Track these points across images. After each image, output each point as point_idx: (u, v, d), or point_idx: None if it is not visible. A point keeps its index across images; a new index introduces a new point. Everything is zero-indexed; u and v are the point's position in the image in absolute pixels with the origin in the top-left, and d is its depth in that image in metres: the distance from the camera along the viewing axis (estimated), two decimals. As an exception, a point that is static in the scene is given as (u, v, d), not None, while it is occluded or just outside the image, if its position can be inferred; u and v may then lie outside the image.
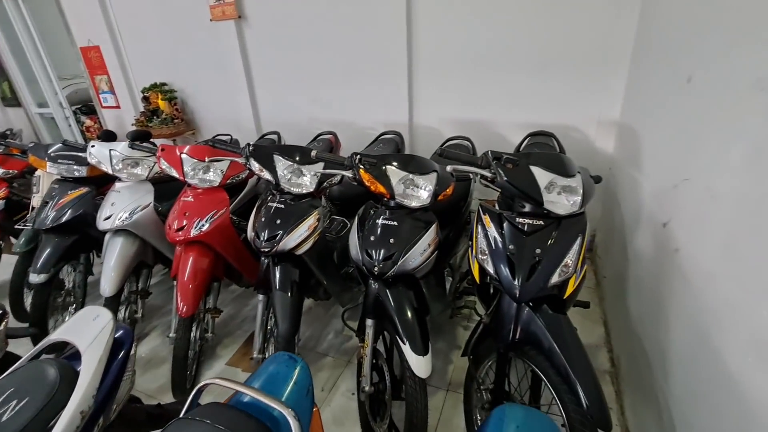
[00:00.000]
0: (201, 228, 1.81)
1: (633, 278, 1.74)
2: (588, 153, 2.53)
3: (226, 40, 3.33)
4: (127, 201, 2.02)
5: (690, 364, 1.11)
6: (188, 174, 1.87)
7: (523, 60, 2.55)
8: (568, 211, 1.26)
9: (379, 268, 1.41)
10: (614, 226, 2.16)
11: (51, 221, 2.07)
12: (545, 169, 1.27)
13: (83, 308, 1.00)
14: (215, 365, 2.09)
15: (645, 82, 1.94)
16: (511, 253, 1.25)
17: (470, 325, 2.23)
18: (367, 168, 1.47)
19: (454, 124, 2.87)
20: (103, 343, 0.89)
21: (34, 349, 0.94)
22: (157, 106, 3.75)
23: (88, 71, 4.21)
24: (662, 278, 1.38)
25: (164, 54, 3.76)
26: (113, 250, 1.98)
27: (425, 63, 2.84)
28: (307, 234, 1.63)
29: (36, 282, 1.98)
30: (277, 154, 1.67)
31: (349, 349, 2.13)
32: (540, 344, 1.23)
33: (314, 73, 3.23)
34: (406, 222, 1.47)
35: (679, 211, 1.29)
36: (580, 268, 1.25)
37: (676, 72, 1.46)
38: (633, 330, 1.64)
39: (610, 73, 2.34)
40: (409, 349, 1.34)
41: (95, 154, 2.03)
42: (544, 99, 2.58)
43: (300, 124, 3.41)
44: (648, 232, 1.58)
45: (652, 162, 1.67)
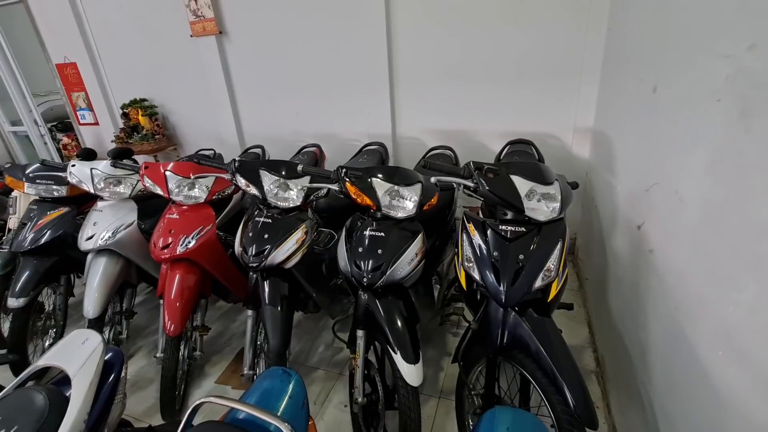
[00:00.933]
0: (187, 245, 1.80)
1: (613, 279, 1.80)
2: (566, 159, 2.63)
3: (208, 56, 3.34)
4: (109, 220, 1.99)
5: (668, 359, 1.16)
6: (173, 191, 1.86)
7: (501, 71, 2.64)
8: (548, 217, 1.31)
9: (368, 279, 1.44)
10: (593, 228, 2.24)
11: (29, 243, 2.02)
12: (524, 177, 1.33)
13: (72, 332, 0.99)
14: (204, 384, 2.05)
15: (615, 91, 2.04)
16: (496, 259, 1.29)
17: (459, 331, 2.26)
18: (353, 181, 1.50)
19: (436, 135, 2.94)
20: (93, 367, 0.88)
21: (21, 376, 0.92)
22: (137, 122, 3.71)
23: (64, 88, 4.14)
24: (639, 278, 1.44)
25: (144, 70, 3.73)
26: (96, 271, 1.94)
27: (406, 75, 2.91)
28: (295, 248, 1.64)
29: (15, 306, 1.93)
30: (263, 169, 1.68)
31: (340, 361, 2.13)
32: (527, 347, 1.27)
33: (297, 87, 3.26)
34: (393, 233, 1.50)
35: (652, 213, 1.36)
36: (561, 271, 1.30)
37: (642, 82, 1.55)
38: (615, 329, 1.70)
39: (583, 82, 2.45)
40: (401, 359, 1.36)
41: (76, 173, 2.00)
42: (521, 108, 2.67)
43: (284, 138, 3.43)
44: (625, 234, 1.65)
45: (625, 167, 1.75)
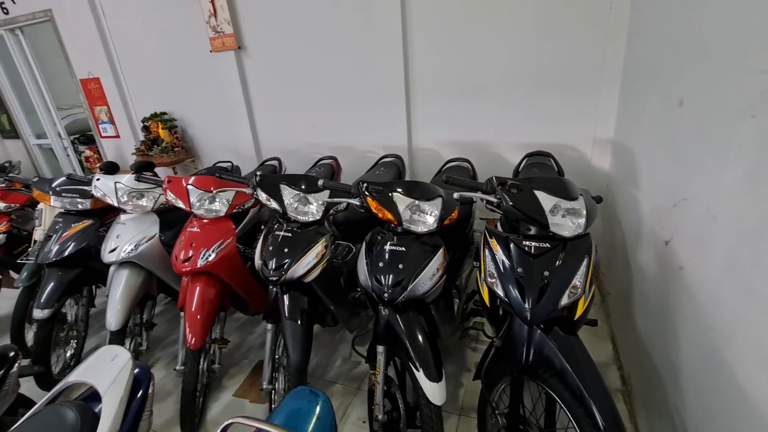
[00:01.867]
0: (207, 258, 1.82)
1: (638, 294, 1.76)
2: (585, 171, 2.59)
3: (226, 70, 3.41)
4: (132, 233, 2.02)
5: (703, 383, 1.12)
6: (194, 205, 1.88)
7: (518, 82, 2.63)
8: (573, 233, 1.29)
9: (388, 294, 1.43)
10: (616, 242, 2.19)
11: (54, 255, 2.06)
12: (549, 192, 1.31)
13: (101, 348, 1.00)
14: (222, 397, 2.05)
15: (637, 102, 2.01)
16: (520, 276, 1.27)
17: (478, 346, 2.23)
18: (374, 195, 1.50)
19: (453, 147, 2.94)
20: (123, 384, 0.89)
21: (52, 392, 0.93)
22: (157, 135, 3.79)
23: (87, 102, 4.27)
24: (668, 295, 1.40)
25: (164, 84, 3.83)
26: (118, 283, 1.97)
27: (422, 87, 2.92)
28: (315, 262, 1.64)
29: (40, 317, 1.96)
30: (283, 183, 1.70)
31: (358, 375, 2.11)
32: (553, 366, 1.24)
33: (313, 100, 3.31)
34: (413, 247, 1.50)
35: (681, 229, 1.33)
36: (588, 289, 1.27)
37: (667, 95, 1.52)
38: (642, 346, 1.65)
39: (603, 93, 2.42)
40: (423, 376, 1.34)
41: (100, 187, 2.04)
42: (539, 119, 2.65)
43: (300, 150, 3.47)
44: (650, 249, 1.61)
45: (650, 180, 1.71)
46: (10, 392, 1.10)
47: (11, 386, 1.11)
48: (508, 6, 2.48)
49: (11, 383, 1.11)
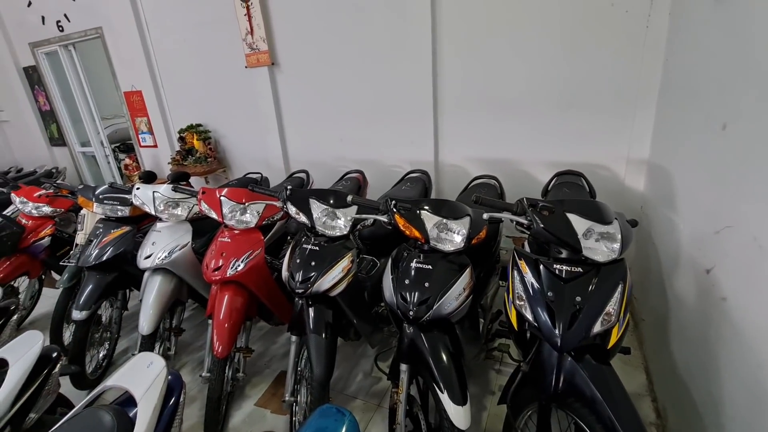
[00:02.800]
0: (237, 268, 1.86)
1: (675, 323, 1.68)
2: (618, 191, 2.52)
3: (260, 85, 3.54)
4: (166, 240, 2.10)
5: (749, 424, 1.05)
6: (226, 216, 1.94)
7: (549, 98, 2.60)
8: (607, 258, 1.25)
9: (414, 313, 1.42)
10: (650, 266, 2.11)
11: (94, 259, 2.16)
12: (582, 215, 1.28)
13: (138, 355, 1.04)
14: (244, 405, 2.08)
15: (674, 123, 1.95)
16: (550, 300, 1.24)
17: (503, 368, 2.17)
18: (402, 213, 1.51)
19: (480, 163, 2.92)
20: (158, 391, 0.92)
21: (90, 395, 0.97)
22: (192, 146, 3.96)
23: (129, 113, 4.51)
24: (709, 327, 1.33)
25: (201, 97, 4.00)
26: (152, 289, 2.05)
27: (451, 102, 2.93)
28: (341, 276, 1.66)
29: (78, 318, 2.05)
30: (313, 198, 1.73)
31: (379, 391, 2.09)
32: (584, 396, 1.20)
33: (341, 114, 3.37)
34: (440, 265, 1.49)
35: (724, 258, 1.27)
36: (623, 317, 1.22)
37: (709, 117, 1.47)
38: (680, 379, 1.57)
39: (638, 112, 2.36)
40: (448, 399, 1.31)
41: (140, 195, 2.14)
42: (570, 137, 2.61)
43: (328, 163, 3.53)
44: (689, 276, 1.54)
45: (689, 204, 1.65)
46: (52, 392, 1.15)
47: (53, 386, 1.17)
48: (540, 23, 2.48)
49: (53, 383, 1.17)
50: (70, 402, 1.40)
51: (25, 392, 1.06)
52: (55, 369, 1.17)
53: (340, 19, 3.07)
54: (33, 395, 1.09)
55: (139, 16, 3.91)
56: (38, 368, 1.13)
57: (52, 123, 5.22)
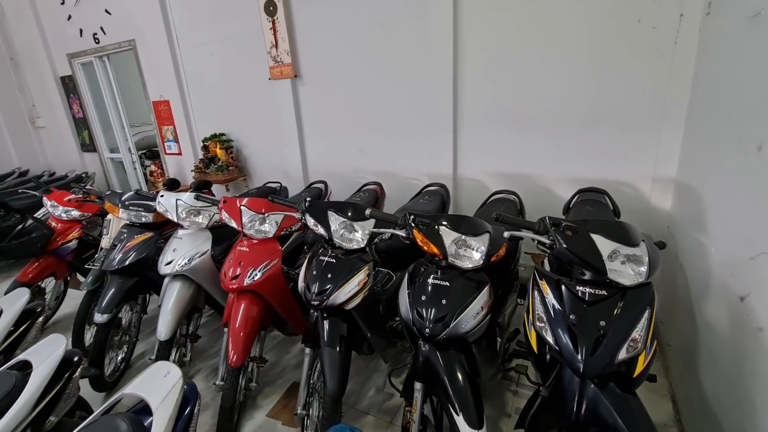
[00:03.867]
0: (254, 277, 1.88)
1: (705, 352, 1.60)
2: (643, 210, 2.44)
3: (282, 97, 3.61)
4: (187, 248, 2.14)
5: (790, 467, 0.98)
6: (246, 225, 1.97)
7: (573, 113, 2.56)
8: (633, 281, 1.20)
9: (430, 330, 1.39)
10: (677, 289, 2.02)
11: (117, 263, 2.22)
12: (607, 236, 1.24)
13: (155, 364, 1.05)
14: (256, 415, 2.07)
15: (705, 141, 1.89)
16: (573, 323, 1.19)
17: (520, 390, 2.11)
18: (421, 228, 1.49)
19: (499, 178, 2.89)
20: (174, 401, 0.92)
21: (107, 403, 0.98)
22: (215, 154, 4.05)
23: (156, 122, 4.66)
24: (744, 358, 1.26)
25: (225, 107, 4.11)
26: (171, 295, 2.08)
27: (471, 115, 2.92)
28: (357, 289, 1.65)
29: (99, 321, 2.10)
30: (331, 210, 1.74)
31: (391, 408, 2.05)
32: (607, 426, 1.14)
33: (361, 125, 3.40)
34: (458, 283, 1.46)
35: (760, 286, 1.20)
36: (650, 344, 1.17)
37: (743, 137, 1.42)
38: (709, 411, 1.49)
39: (665, 130, 2.30)
40: (463, 422, 1.28)
41: (163, 203, 2.19)
42: (594, 154, 2.55)
43: (346, 174, 3.55)
44: (722, 303, 1.47)
45: (721, 228, 1.58)
46: (73, 395, 1.17)
47: (74, 389, 1.19)
48: (565, 37, 2.45)
49: (74, 386, 1.19)
50: (89, 405, 1.42)
51: (47, 395, 1.08)
52: (77, 372, 1.19)
53: (361, 33, 3.12)
54: (54, 398, 1.11)
55: (170, 30, 4.06)
56: (60, 371, 1.16)
57: (84, 130, 5.44)
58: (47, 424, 1.10)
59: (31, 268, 2.73)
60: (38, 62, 5.28)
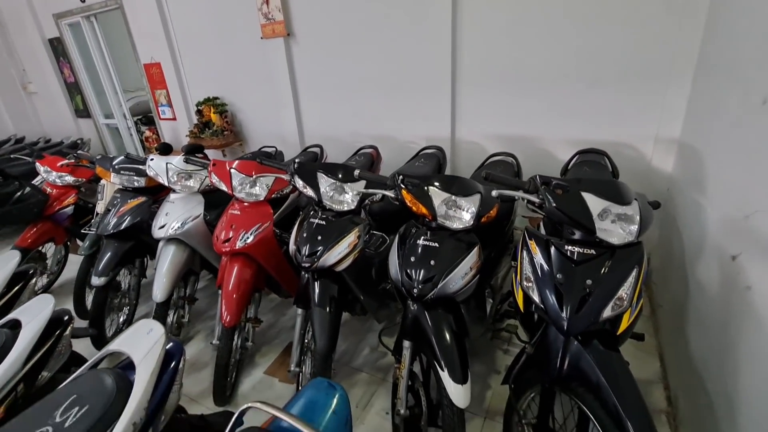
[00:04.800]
0: (246, 240, 1.88)
1: (694, 311, 1.60)
2: (643, 172, 2.39)
3: (275, 57, 3.48)
4: (180, 211, 2.13)
5: (764, 425, 0.99)
6: (236, 188, 1.95)
7: (574, 73, 2.45)
8: (623, 240, 1.18)
9: (418, 290, 1.40)
10: (673, 251, 2.01)
11: (112, 227, 2.23)
12: (598, 195, 1.21)
13: (139, 321, 1.06)
14: (254, 373, 2.14)
15: (711, 99, 1.80)
16: (559, 282, 1.19)
17: (510, 348, 2.15)
18: (410, 189, 1.46)
19: (498, 140, 2.81)
20: (156, 356, 0.94)
21: (95, 358, 1.00)
22: (209, 119, 3.97)
23: (149, 86, 4.55)
24: (730, 317, 1.26)
25: (218, 70, 3.98)
26: (165, 258, 2.09)
27: (469, 76, 2.81)
28: (347, 251, 1.64)
29: (96, 284, 2.13)
30: (320, 171, 1.70)
31: (385, 365, 2.11)
32: (589, 381, 1.16)
33: (357, 88, 3.29)
34: (447, 244, 1.45)
35: (752, 245, 1.18)
36: (636, 302, 1.16)
37: (748, 90, 1.34)
38: (694, 369, 1.51)
39: (671, 88, 2.20)
40: (448, 377, 1.30)
41: (153, 166, 2.17)
42: (595, 114, 2.47)
43: (342, 138, 3.48)
44: (713, 262, 1.45)
45: (719, 187, 1.54)
46: (63, 352, 1.20)
47: (65, 347, 1.21)
48: (568, -10, 2.31)
49: (65, 344, 1.21)
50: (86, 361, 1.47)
51: (37, 352, 1.10)
52: (66, 331, 1.21)
53: (356, -13, 2.95)
54: (45, 355, 1.14)
55: (156, -14, 3.87)
56: (50, 330, 1.18)
57: (77, 95, 5.33)
58: (40, 379, 1.13)
59: (29, 233, 2.75)
60: (24, 24, 5.09)
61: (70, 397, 0.87)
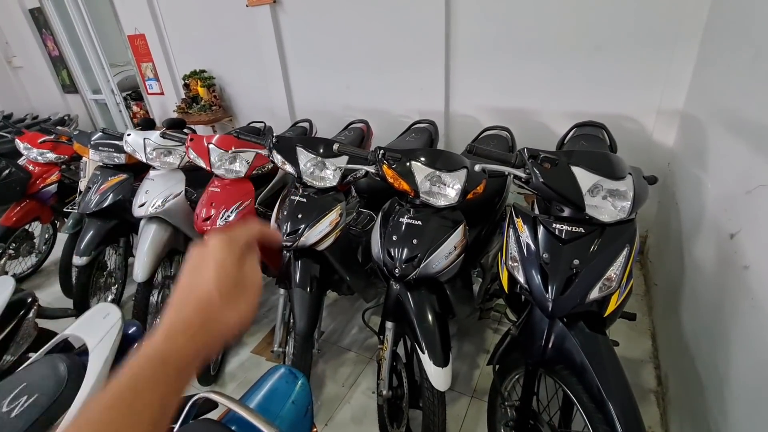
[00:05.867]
0: (227, 219, 1.81)
1: (689, 291, 1.54)
2: (644, 146, 2.29)
3: (262, 26, 3.31)
4: (160, 189, 2.06)
5: (756, 407, 0.95)
6: (215, 164, 1.87)
7: (573, 42, 2.31)
8: (614, 217, 1.11)
9: (400, 270, 1.34)
10: (670, 228, 1.94)
11: (94, 205, 2.16)
12: (589, 169, 1.12)
13: (96, 306, 1.01)
14: (241, 352, 2.12)
15: (718, 67, 1.68)
16: (545, 262, 1.12)
17: (500, 328, 2.12)
18: (391, 164, 1.38)
19: (493, 113, 2.70)
20: (111, 341, 0.89)
21: (50, 343, 0.96)
22: (197, 93, 3.83)
23: (135, 59, 4.38)
24: (725, 297, 1.20)
25: (204, 41, 3.81)
26: (146, 237, 2.04)
27: (464, 47, 2.66)
28: (328, 230, 1.58)
29: (78, 264, 2.09)
30: (300, 146, 1.62)
31: (372, 345, 2.09)
32: (573, 364, 1.12)
33: (348, 60, 3.15)
34: (431, 222, 1.38)
35: (752, 222, 1.10)
36: (625, 283, 1.10)
37: (759, 55, 1.23)
38: (686, 348, 1.46)
39: (676, 55, 2.07)
40: (428, 359, 1.26)
41: (131, 142, 2.08)
42: (595, 85, 2.34)
43: (333, 112, 3.36)
44: (711, 241, 1.38)
45: (721, 161, 1.45)
46: (27, 336, 1.16)
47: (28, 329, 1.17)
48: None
49: (28, 327, 1.17)
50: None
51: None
52: (30, 314, 1.16)
53: (345, -52, 2.76)
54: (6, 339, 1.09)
55: (135, -50, 3.66)
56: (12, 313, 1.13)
57: (63, 69, 5.16)
58: (3, 363, 1.09)
59: (13, 212, 2.69)
60: (3, -8, 4.88)
61: (20, 384, 0.83)
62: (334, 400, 1.80)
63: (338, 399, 1.80)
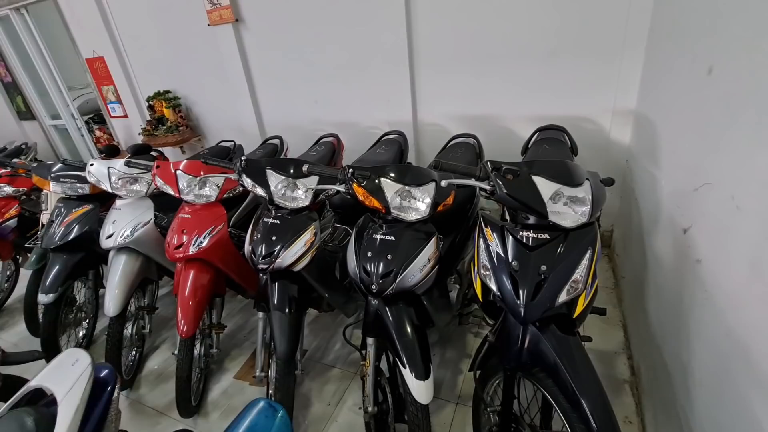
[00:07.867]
0: (199, 245, 1.78)
1: (652, 283, 1.62)
2: (603, 145, 2.39)
3: (225, 45, 3.29)
4: (128, 218, 2.01)
5: (714, 392, 1.01)
6: (183, 190, 1.83)
7: (530, 49, 2.40)
8: (575, 222, 1.16)
9: (377, 286, 1.36)
10: (632, 222, 2.03)
11: (59, 239, 2.08)
12: (549, 178, 1.17)
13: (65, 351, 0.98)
14: (223, 379, 2.08)
15: (662, 70, 1.79)
16: (514, 269, 1.16)
17: (480, 331, 2.16)
18: (361, 182, 1.40)
19: (460, 121, 2.76)
20: (81, 390, 0.86)
21: (15, 396, 0.92)
22: (162, 114, 3.76)
23: (95, 82, 4.25)
24: (683, 289, 1.27)
25: (166, 61, 3.74)
26: (116, 269, 1.98)
27: (427, 57, 2.73)
28: (304, 250, 1.58)
29: (44, 302, 2.00)
30: (269, 168, 1.61)
31: (356, 360, 2.08)
32: (548, 366, 1.16)
33: (315, 74, 3.16)
34: (404, 236, 1.40)
35: (701, 218, 1.18)
36: (590, 284, 1.15)
37: (695, 61, 1.32)
38: (653, 339, 1.54)
39: (625, 59, 2.19)
40: (410, 374, 1.28)
41: (94, 173, 2.02)
42: (553, 90, 2.44)
43: (304, 126, 3.36)
44: (668, 235, 1.46)
45: (671, 159, 1.54)
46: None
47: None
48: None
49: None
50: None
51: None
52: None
53: (304, -34, 2.79)
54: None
55: (88, -28, 3.57)
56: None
57: (17, 95, 4.95)
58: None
59: (-31, 250, 2.56)
60: (-53, 20, 4.64)
61: (-17, 444, 0.79)
62: (322, 419, 1.79)
63: (325, 418, 1.79)
